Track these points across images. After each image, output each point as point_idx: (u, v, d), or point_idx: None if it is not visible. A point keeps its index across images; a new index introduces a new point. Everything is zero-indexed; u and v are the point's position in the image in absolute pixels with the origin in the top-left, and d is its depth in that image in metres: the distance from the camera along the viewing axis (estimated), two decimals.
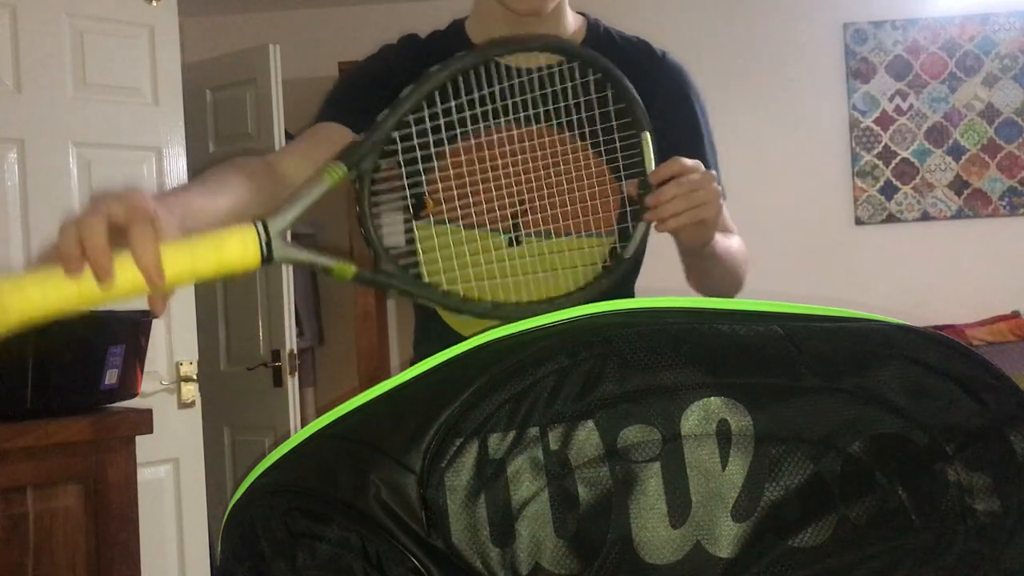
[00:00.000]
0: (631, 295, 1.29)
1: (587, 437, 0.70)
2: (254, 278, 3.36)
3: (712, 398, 0.71)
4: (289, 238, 0.82)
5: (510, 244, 1.17)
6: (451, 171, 1.13)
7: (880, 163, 4.05)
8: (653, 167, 1.00)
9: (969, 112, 4.04)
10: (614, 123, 1.05)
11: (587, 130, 1.07)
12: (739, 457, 0.70)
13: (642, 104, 1.01)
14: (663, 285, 1.11)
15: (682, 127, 1.28)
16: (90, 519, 1.94)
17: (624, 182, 1.05)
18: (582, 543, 0.69)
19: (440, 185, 1.14)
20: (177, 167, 2.75)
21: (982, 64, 4.04)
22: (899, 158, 4.06)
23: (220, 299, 3.49)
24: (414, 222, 1.21)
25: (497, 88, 1.03)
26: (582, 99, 1.06)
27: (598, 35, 1.29)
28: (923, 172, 4.04)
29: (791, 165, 4.06)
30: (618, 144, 1.05)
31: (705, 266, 1.17)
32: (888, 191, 4.06)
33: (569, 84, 1.04)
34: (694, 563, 0.68)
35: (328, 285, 4.35)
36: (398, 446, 0.71)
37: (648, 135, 1.00)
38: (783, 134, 4.08)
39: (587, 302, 0.89)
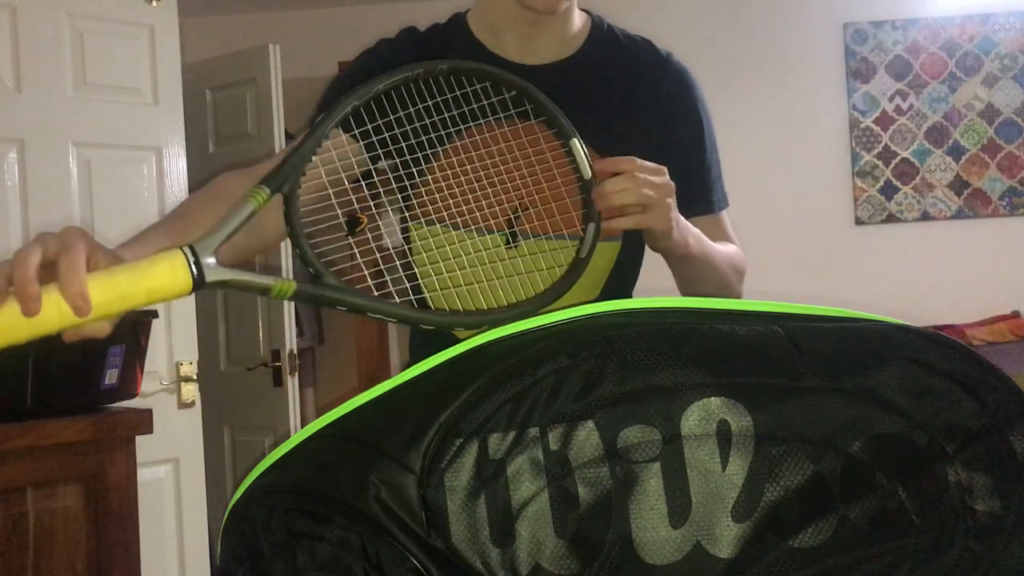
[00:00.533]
0: (629, 297, 1.29)
1: (587, 437, 0.70)
2: None
3: (712, 398, 0.71)
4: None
5: (506, 244, 1.17)
6: (439, 174, 1.13)
7: (880, 163, 4.05)
8: (588, 171, 0.98)
9: (969, 112, 4.04)
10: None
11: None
12: (739, 457, 0.70)
13: (563, 113, 0.99)
14: (664, 285, 1.11)
15: (685, 129, 1.27)
16: (90, 519, 1.95)
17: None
18: (582, 543, 0.69)
19: (432, 188, 1.14)
20: (177, 167, 2.75)
21: (982, 64, 4.04)
22: (899, 158, 4.06)
23: (220, 299, 3.49)
24: (396, 233, 1.20)
25: (441, 98, 1.03)
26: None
27: (602, 33, 1.29)
28: (923, 172, 4.04)
29: (791, 165, 4.06)
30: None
31: (680, 270, 1.16)
32: (888, 191, 4.06)
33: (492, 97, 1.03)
34: (694, 563, 0.68)
35: None
36: (398, 446, 0.71)
37: (576, 141, 0.98)
38: (783, 134, 4.08)
39: (546, 305, 0.88)
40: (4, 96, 2.49)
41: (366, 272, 0.98)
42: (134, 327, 2.22)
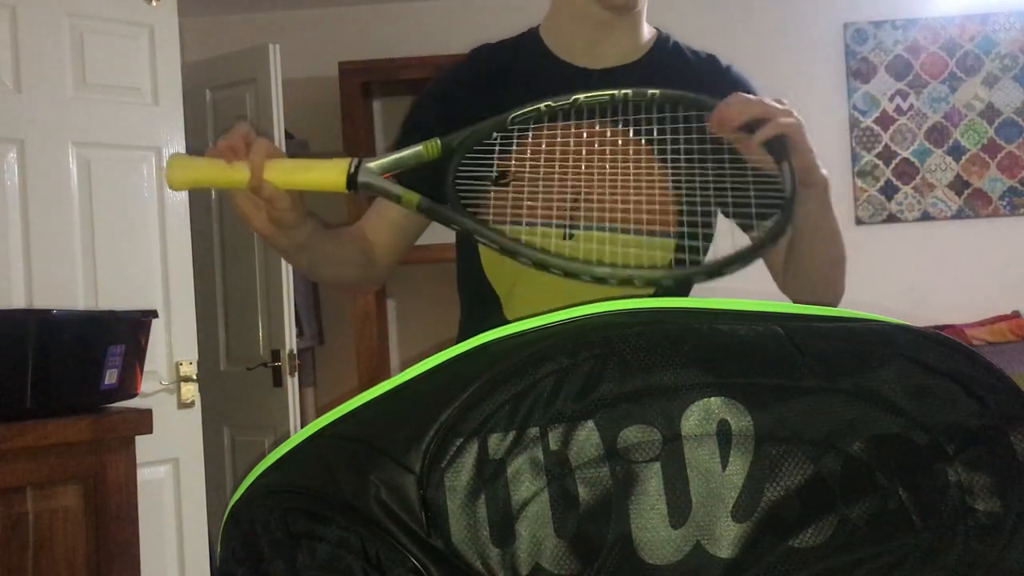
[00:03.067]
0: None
1: (587, 437, 0.70)
2: (253, 277, 3.36)
3: (712, 398, 0.71)
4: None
5: (564, 238, 1.18)
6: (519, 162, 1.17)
7: (880, 163, 4.05)
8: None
9: (969, 112, 4.04)
10: (680, 130, 1.09)
11: (653, 134, 1.10)
12: (739, 457, 0.70)
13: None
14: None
15: None
16: (90, 519, 1.95)
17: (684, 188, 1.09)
18: (582, 543, 0.69)
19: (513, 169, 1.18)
20: None
21: (982, 64, 4.04)
22: (899, 158, 4.06)
23: (220, 299, 3.49)
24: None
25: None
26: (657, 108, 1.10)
27: (666, 47, 1.33)
28: (923, 172, 4.04)
29: None
30: (682, 151, 1.08)
31: (812, 222, 1.20)
32: (888, 191, 4.06)
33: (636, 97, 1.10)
34: (694, 563, 0.68)
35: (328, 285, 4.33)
36: (398, 446, 0.71)
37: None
38: None
39: (654, 284, 0.93)
40: (4, 96, 2.49)
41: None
42: (134, 327, 2.22)
